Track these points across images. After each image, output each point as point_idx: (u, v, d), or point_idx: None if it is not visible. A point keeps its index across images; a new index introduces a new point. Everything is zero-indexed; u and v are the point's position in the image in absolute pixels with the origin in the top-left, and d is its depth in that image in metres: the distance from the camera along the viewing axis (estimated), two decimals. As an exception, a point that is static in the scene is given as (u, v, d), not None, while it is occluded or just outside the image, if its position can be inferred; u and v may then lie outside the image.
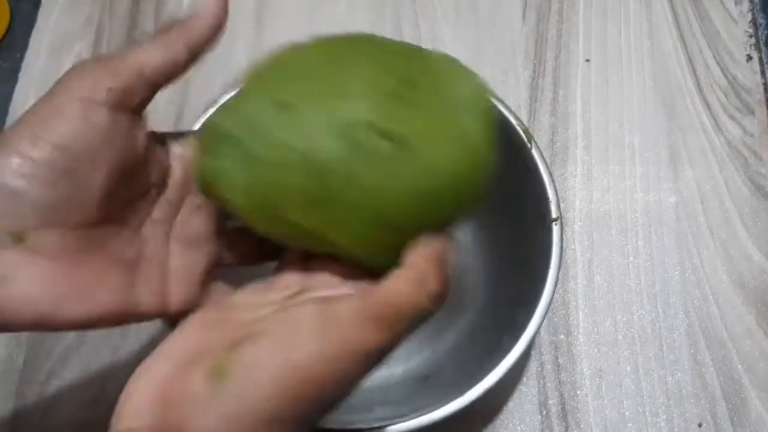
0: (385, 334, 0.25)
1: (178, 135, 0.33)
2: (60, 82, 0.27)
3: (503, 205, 0.49)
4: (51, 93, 0.27)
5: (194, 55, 0.29)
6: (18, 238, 0.25)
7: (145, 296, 0.30)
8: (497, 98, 0.44)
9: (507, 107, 0.46)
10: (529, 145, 0.44)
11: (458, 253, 0.54)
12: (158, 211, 0.31)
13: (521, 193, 0.46)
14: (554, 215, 0.43)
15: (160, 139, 0.32)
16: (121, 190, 0.29)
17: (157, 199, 0.32)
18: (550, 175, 0.44)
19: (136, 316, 0.29)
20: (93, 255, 0.28)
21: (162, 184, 0.31)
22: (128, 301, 0.29)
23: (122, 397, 0.25)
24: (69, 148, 0.26)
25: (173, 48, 0.28)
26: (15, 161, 0.25)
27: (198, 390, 0.24)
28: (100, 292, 0.27)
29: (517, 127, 0.45)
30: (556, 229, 0.42)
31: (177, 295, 0.31)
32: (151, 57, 0.28)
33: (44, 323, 0.26)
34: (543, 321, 0.41)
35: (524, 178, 0.45)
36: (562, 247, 0.42)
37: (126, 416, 0.24)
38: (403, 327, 0.26)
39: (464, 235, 0.53)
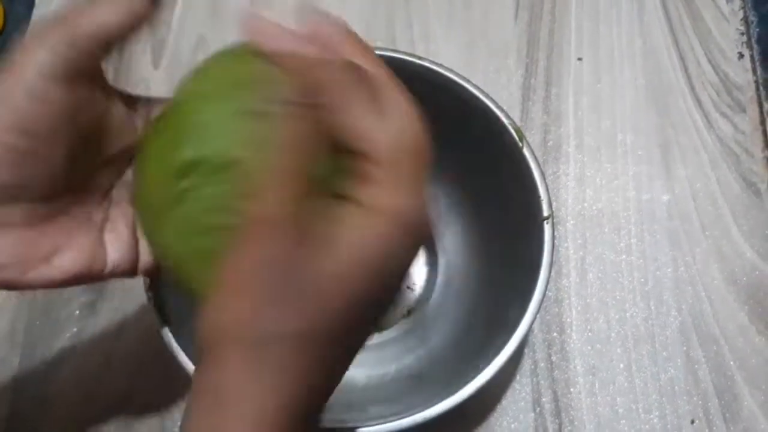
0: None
1: (148, 99, 0.33)
2: (16, 57, 0.26)
3: (495, 204, 0.49)
4: (8, 69, 0.26)
5: (147, 11, 0.28)
6: None
7: (115, 255, 0.31)
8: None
9: (499, 106, 0.46)
10: (520, 144, 0.45)
11: (451, 251, 0.54)
12: (129, 174, 0.32)
13: (513, 192, 0.46)
14: (546, 213, 0.43)
15: (131, 103, 0.32)
16: (86, 158, 0.29)
17: (128, 161, 0.32)
18: (542, 173, 0.44)
19: (108, 274, 0.31)
20: (57, 221, 0.29)
21: (132, 147, 0.31)
22: (96, 260, 0.30)
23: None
24: (28, 129, 0.26)
25: (129, 4, 0.27)
26: None
27: None
28: (66, 255, 0.29)
29: (509, 127, 0.45)
30: (547, 227, 0.43)
31: (147, 252, 0.32)
32: (107, 17, 0.27)
33: (13, 286, 0.28)
34: (535, 319, 0.41)
35: (516, 177, 0.45)
36: (553, 245, 0.43)
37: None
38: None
39: (456, 233, 0.53)
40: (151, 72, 0.60)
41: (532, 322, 0.41)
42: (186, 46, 0.62)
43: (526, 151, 0.45)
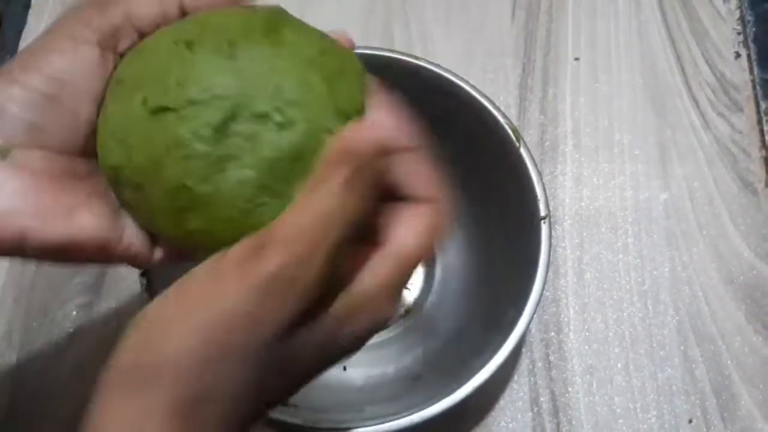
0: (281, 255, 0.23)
1: None
2: (54, 23, 0.29)
3: (493, 204, 0.49)
4: (46, 32, 0.29)
5: (186, 14, 0.30)
6: (3, 154, 0.27)
7: (131, 231, 0.29)
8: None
9: (496, 107, 0.46)
10: (517, 145, 0.45)
11: (449, 251, 0.54)
12: None
13: (510, 192, 0.46)
14: (542, 213, 0.43)
15: None
16: None
17: None
18: (539, 173, 0.44)
19: (121, 253, 0.29)
20: (77, 182, 0.28)
21: None
22: (112, 231, 0.29)
23: None
24: (55, 76, 0.27)
25: (167, 3, 0.29)
26: (4, 85, 0.27)
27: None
28: (84, 215, 0.28)
29: (506, 127, 0.45)
30: (544, 227, 0.43)
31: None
32: (143, 6, 0.29)
33: (27, 238, 0.26)
34: (532, 319, 0.41)
35: (513, 177, 0.45)
36: (550, 245, 0.43)
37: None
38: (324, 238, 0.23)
39: (453, 232, 0.53)
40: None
41: (530, 322, 0.41)
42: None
43: (523, 151, 0.45)
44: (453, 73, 0.47)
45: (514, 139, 0.45)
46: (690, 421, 0.50)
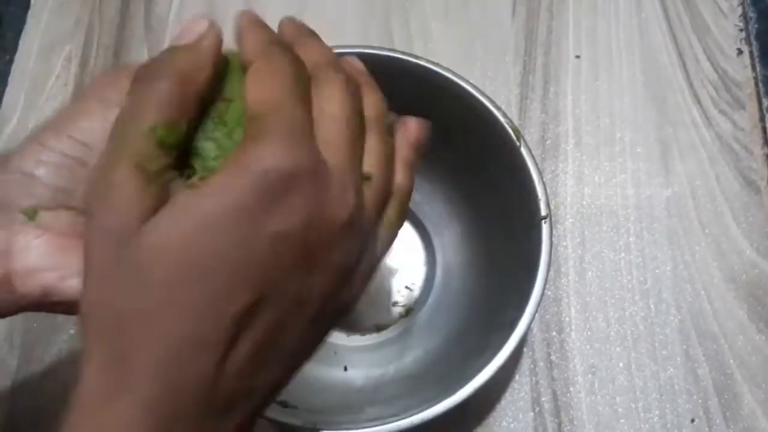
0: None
1: None
2: (84, 88, 0.31)
3: (493, 204, 0.49)
4: (75, 97, 0.31)
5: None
6: (30, 216, 0.28)
7: None
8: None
9: (496, 105, 0.46)
10: (518, 144, 0.44)
11: (449, 251, 0.54)
12: None
13: (511, 192, 0.46)
14: (543, 213, 0.43)
15: None
16: None
17: None
18: (540, 173, 0.44)
19: None
20: None
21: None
22: None
23: None
24: (84, 140, 0.28)
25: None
26: (34, 149, 0.28)
27: None
28: None
29: (506, 126, 0.45)
30: (545, 226, 0.43)
31: None
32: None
33: (48, 295, 0.28)
34: (534, 318, 0.41)
35: (514, 176, 0.45)
36: (551, 245, 0.42)
37: None
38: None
39: (454, 232, 0.53)
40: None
41: (531, 322, 0.41)
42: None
43: (523, 151, 0.44)
44: (453, 72, 0.47)
45: (514, 138, 0.45)
46: (692, 421, 0.50)
